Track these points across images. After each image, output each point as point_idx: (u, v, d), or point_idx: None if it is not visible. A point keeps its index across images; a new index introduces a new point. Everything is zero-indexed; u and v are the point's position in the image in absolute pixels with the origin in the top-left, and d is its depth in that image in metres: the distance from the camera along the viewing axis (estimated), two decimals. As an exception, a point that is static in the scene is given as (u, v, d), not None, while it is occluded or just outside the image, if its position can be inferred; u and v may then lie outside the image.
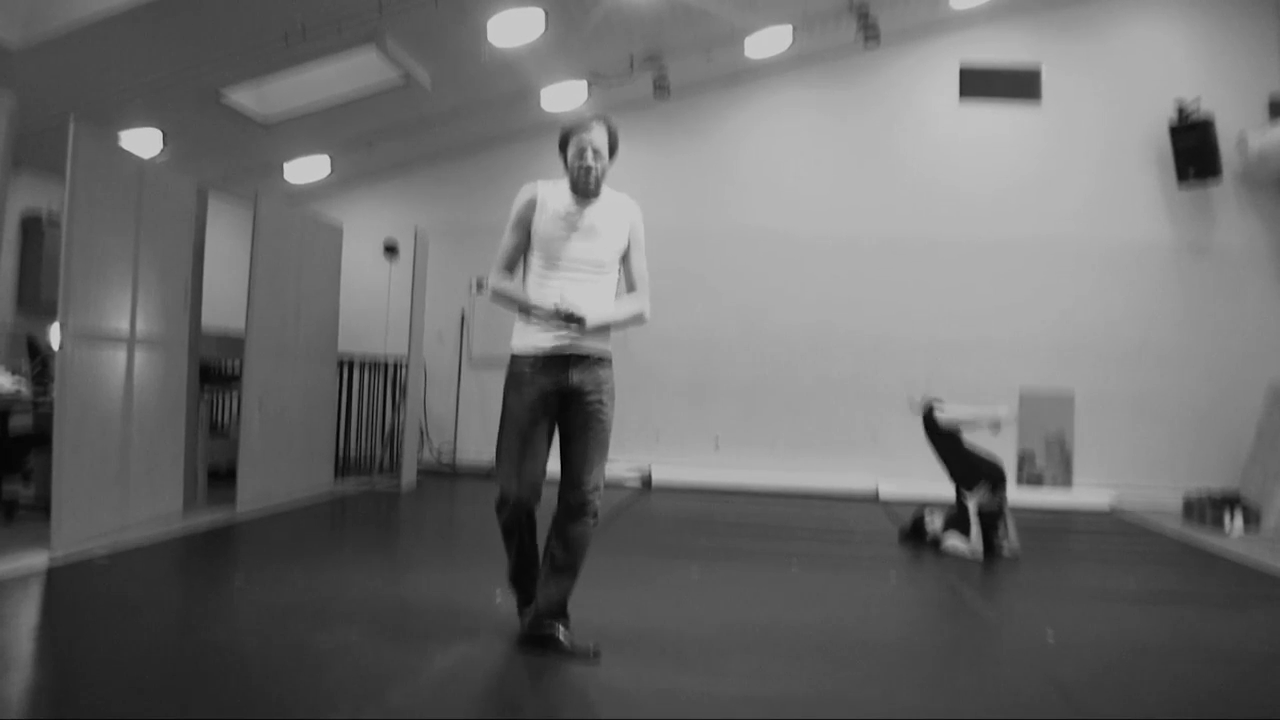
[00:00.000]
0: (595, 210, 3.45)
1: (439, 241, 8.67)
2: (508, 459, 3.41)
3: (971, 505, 5.77)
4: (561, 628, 3.47)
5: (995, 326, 8.94)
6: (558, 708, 3.09)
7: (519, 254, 3.47)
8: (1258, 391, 8.36)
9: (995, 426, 6.10)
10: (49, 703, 2.86)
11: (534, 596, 3.54)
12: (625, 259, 3.53)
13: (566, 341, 3.37)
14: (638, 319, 3.53)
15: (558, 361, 3.39)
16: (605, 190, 3.50)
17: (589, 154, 3.39)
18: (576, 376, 3.40)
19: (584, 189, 3.43)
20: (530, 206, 3.44)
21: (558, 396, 3.40)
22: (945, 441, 6.09)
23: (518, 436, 3.39)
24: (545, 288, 3.39)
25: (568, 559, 3.47)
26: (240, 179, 8.32)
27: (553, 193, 3.46)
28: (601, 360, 3.46)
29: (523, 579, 3.58)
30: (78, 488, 4.98)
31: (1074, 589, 5.08)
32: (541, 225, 3.41)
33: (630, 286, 3.55)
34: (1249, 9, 8.77)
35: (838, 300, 9.14)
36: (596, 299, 3.41)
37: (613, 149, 3.47)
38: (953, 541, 5.75)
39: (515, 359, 3.45)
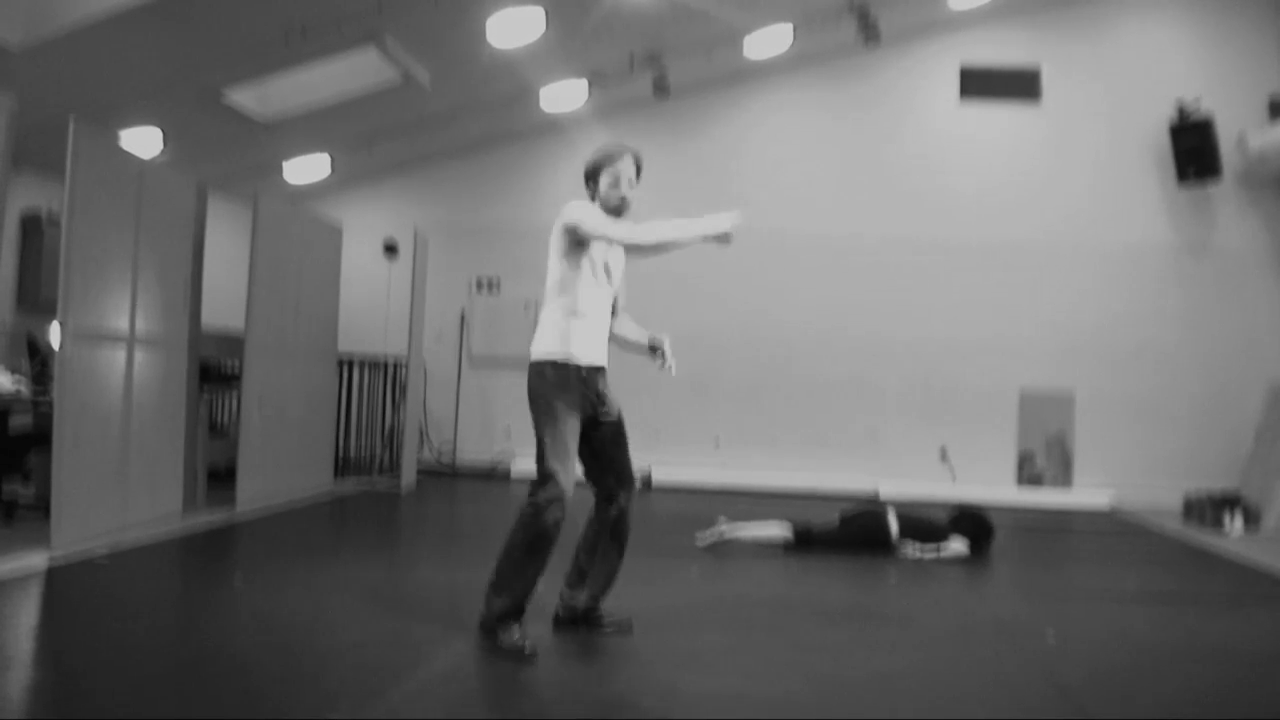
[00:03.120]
0: None
1: (439, 241, 8.67)
2: (563, 457, 3.50)
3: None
4: (602, 606, 3.78)
5: (995, 326, 8.94)
6: (557, 707, 3.09)
7: None
8: (1258, 391, 8.36)
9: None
10: (49, 703, 2.86)
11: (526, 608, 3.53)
12: None
13: (599, 353, 3.65)
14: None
15: (595, 372, 3.63)
16: None
17: (624, 184, 3.67)
18: (601, 385, 3.66)
19: (618, 214, 3.67)
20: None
21: (590, 405, 3.62)
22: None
23: (569, 437, 3.54)
24: (586, 301, 3.60)
25: (620, 548, 3.76)
26: (240, 179, 8.32)
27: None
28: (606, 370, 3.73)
29: (530, 593, 3.52)
30: (78, 487, 4.98)
31: (1074, 589, 5.08)
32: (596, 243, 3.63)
33: (617, 308, 3.87)
34: (1249, 9, 8.77)
35: (838, 300, 9.14)
36: (608, 314, 3.73)
37: (638, 174, 3.76)
38: (955, 545, 5.74)
39: (561, 366, 3.56)
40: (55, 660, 3.27)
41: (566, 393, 3.53)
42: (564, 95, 8.50)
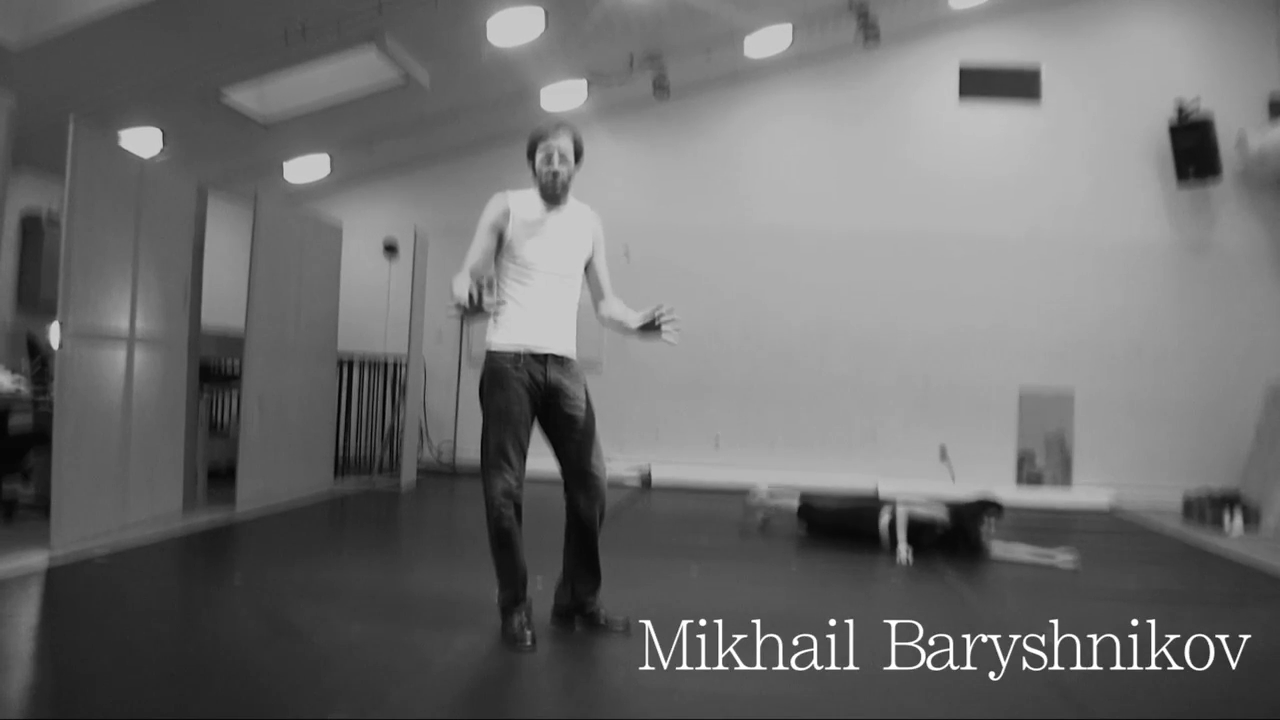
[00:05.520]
0: (562, 218, 3.69)
1: (439, 241, 8.66)
2: (501, 454, 3.56)
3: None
4: (601, 606, 3.78)
5: (995, 325, 8.94)
6: (555, 707, 3.09)
7: (489, 260, 3.64)
8: (1258, 391, 8.35)
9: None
10: (49, 703, 2.86)
11: (526, 595, 3.64)
12: (590, 266, 3.79)
13: (544, 340, 3.60)
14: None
15: (536, 359, 3.59)
16: (571, 200, 3.73)
17: (555, 158, 3.63)
18: (554, 375, 3.61)
19: (551, 193, 3.65)
20: (504, 215, 3.63)
21: (540, 393, 3.60)
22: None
23: (511, 430, 3.57)
24: (516, 292, 3.62)
25: (592, 543, 3.73)
26: (240, 179, 8.32)
27: (522, 202, 3.67)
28: (573, 361, 3.71)
29: (520, 581, 3.62)
30: (78, 487, 4.99)
31: (1074, 589, 5.08)
32: (513, 233, 3.61)
33: (600, 292, 3.84)
34: (1249, 9, 8.77)
35: (837, 299, 9.14)
36: (564, 303, 3.66)
37: (578, 154, 3.70)
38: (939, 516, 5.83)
39: (495, 355, 3.63)
40: (55, 660, 3.27)
41: (502, 388, 3.57)
42: (564, 95, 8.49)
